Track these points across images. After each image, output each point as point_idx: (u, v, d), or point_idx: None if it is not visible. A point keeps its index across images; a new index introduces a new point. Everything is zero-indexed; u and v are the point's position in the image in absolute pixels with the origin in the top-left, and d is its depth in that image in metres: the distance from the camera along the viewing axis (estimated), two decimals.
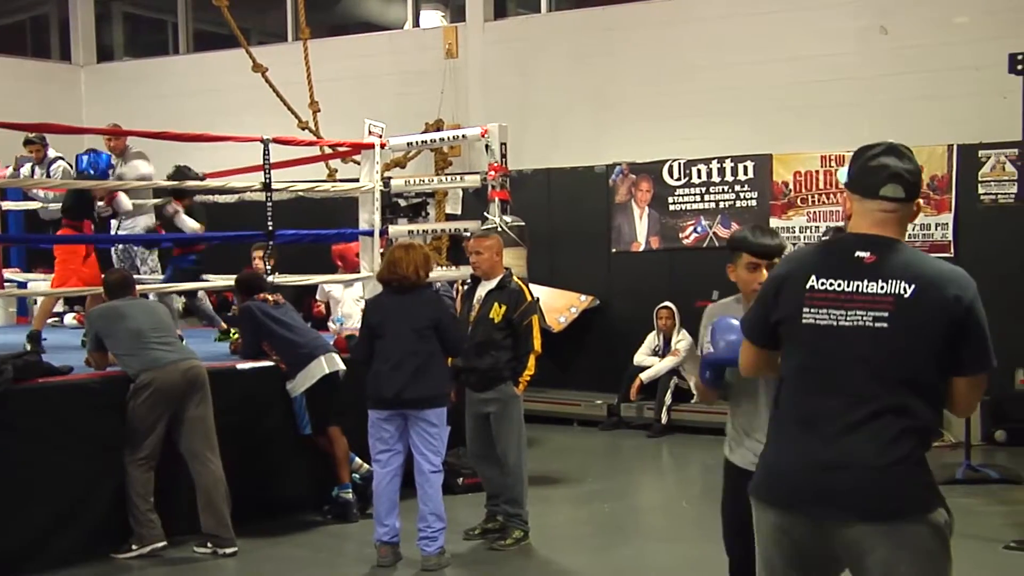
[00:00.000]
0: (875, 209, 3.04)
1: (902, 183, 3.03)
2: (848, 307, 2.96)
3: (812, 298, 3.00)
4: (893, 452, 2.91)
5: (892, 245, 3.00)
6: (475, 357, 6.59)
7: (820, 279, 3.00)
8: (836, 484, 2.92)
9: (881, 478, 2.91)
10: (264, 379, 7.24)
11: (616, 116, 11.62)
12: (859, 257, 2.99)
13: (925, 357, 2.92)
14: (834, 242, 3.11)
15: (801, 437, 3.00)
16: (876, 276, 2.95)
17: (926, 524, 2.93)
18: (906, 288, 2.92)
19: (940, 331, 2.91)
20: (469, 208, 11.69)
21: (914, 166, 3.07)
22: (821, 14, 10.71)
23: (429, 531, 6.17)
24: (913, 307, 2.91)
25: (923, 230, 10.22)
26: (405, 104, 12.22)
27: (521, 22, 12.79)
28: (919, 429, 2.95)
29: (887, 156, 3.06)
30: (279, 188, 8.67)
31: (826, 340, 2.98)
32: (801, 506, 2.98)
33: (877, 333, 2.92)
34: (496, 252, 6.75)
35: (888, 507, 2.90)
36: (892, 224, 3.04)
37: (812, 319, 2.99)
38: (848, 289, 2.97)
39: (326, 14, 14.44)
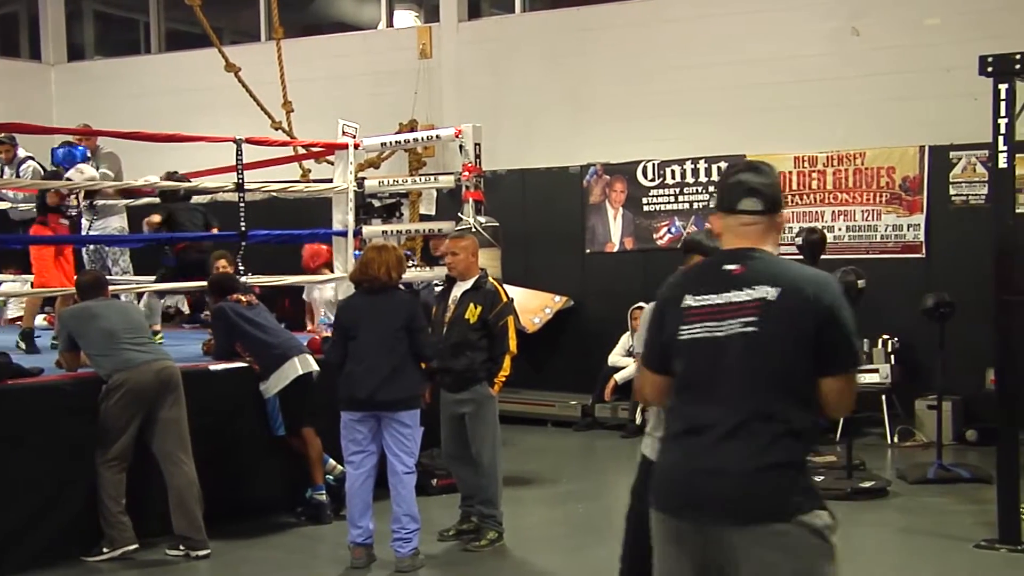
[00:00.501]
0: (736, 224, 3.18)
1: (759, 196, 3.16)
2: (721, 318, 3.06)
3: (688, 315, 3.11)
4: (767, 456, 2.98)
5: (758, 255, 3.12)
6: (450, 358, 6.58)
7: (694, 296, 3.12)
8: (714, 490, 3.00)
9: (755, 483, 2.97)
10: (237, 380, 7.21)
11: (590, 117, 11.63)
12: (727, 270, 3.11)
13: (794, 358, 3.01)
14: (707, 262, 3.23)
15: (686, 445, 3.10)
16: (743, 285, 3.06)
17: (802, 526, 2.97)
18: (770, 292, 3.02)
19: (805, 331, 3.00)
20: (443, 209, 11.68)
21: (771, 181, 3.22)
22: (794, 15, 10.77)
23: (403, 532, 6.15)
24: (778, 309, 3.01)
25: (895, 231, 10.30)
26: (379, 104, 12.20)
27: (495, 23, 12.79)
28: (794, 433, 3.01)
29: (744, 173, 3.22)
30: (252, 188, 8.63)
31: (704, 351, 3.08)
32: (686, 512, 3.07)
33: (748, 338, 3.02)
34: (472, 253, 6.74)
35: (761, 510, 2.97)
36: (755, 236, 3.16)
37: (690, 335, 3.10)
38: (719, 301, 3.08)
39: (299, 14, 14.39)
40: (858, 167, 10.47)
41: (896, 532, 7.10)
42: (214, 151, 9.33)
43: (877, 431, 9.88)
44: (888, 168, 10.34)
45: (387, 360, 6.11)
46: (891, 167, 10.33)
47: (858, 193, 10.48)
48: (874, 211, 10.39)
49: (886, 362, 9.86)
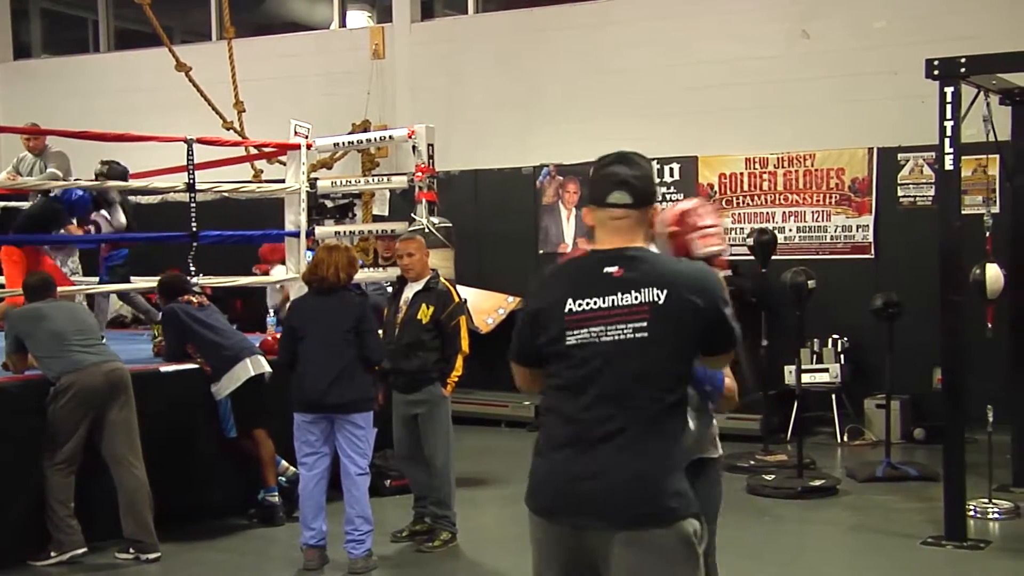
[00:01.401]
0: (606, 217, 3.11)
1: (628, 189, 3.07)
2: (608, 323, 3.00)
3: (571, 320, 3.04)
4: (647, 461, 2.96)
5: (635, 255, 3.06)
6: (403, 359, 6.56)
7: (576, 301, 3.05)
8: (590, 493, 2.99)
9: (634, 487, 2.95)
10: (188, 382, 7.15)
11: (543, 118, 11.66)
12: (607, 273, 3.04)
13: (680, 359, 3.01)
14: (581, 262, 3.16)
15: (567, 450, 3.06)
16: (628, 288, 3.00)
17: (675, 532, 2.97)
18: (658, 295, 2.98)
19: (693, 332, 2.99)
20: (396, 209, 11.64)
21: (642, 172, 3.12)
22: (744, 17, 10.86)
23: (356, 534, 6.13)
24: (667, 311, 2.97)
25: (845, 232, 10.41)
26: (332, 105, 12.14)
27: (448, 23, 12.78)
28: (674, 437, 3.02)
29: (615, 165, 3.12)
30: (203, 189, 8.57)
31: (589, 356, 3.02)
32: (561, 515, 3.06)
33: (639, 343, 2.97)
34: (425, 253, 6.76)
35: (636, 513, 2.95)
36: (627, 232, 3.09)
37: (575, 340, 3.04)
38: (605, 305, 3.01)
39: (251, 13, 14.30)
40: (808, 168, 10.57)
41: (845, 530, 7.18)
42: (165, 151, 9.25)
43: (827, 430, 9.99)
44: (838, 169, 10.46)
45: (336, 362, 6.09)
46: (840, 168, 10.45)
47: (808, 194, 10.58)
48: (824, 212, 10.51)
49: (836, 362, 9.97)
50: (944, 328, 6.71)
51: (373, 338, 6.31)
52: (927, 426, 9.57)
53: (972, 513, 6.97)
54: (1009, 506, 7.22)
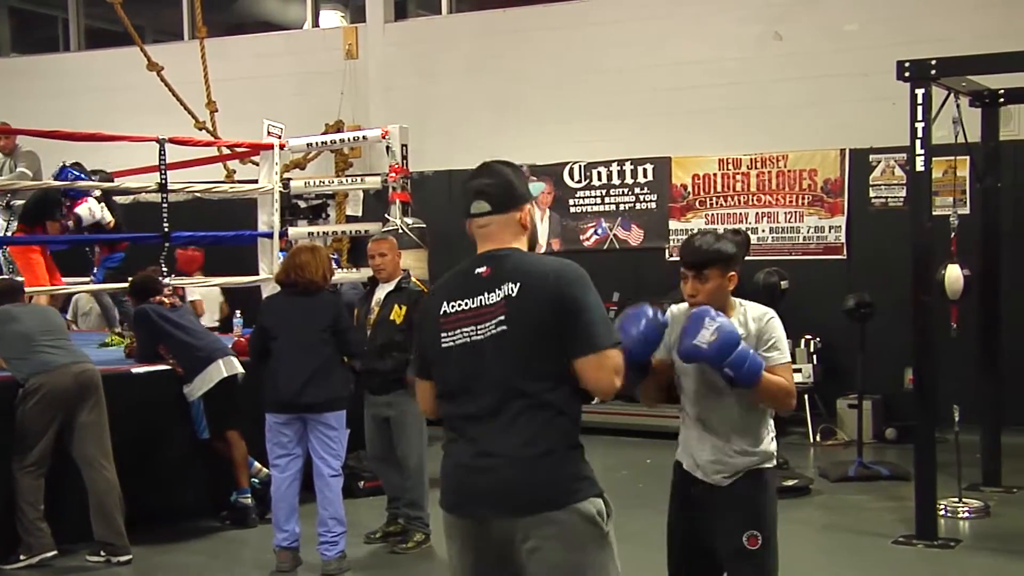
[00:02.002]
0: (475, 227, 3.22)
1: (485, 198, 3.18)
2: (476, 322, 3.09)
3: (445, 322, 3.14)
4: (533, 447, 3.03)
5: (505, 255, 3.15)
6: (376, 359, 6.55)
7: (450, 303, 3.15)
8: (484, 483, 3.07)
9: (523, 473, 3.03)
10: (160, 383, 7.11)
11: (517, 118, 11.66)
12: (478, 274, 3.13)
13: (542, 348, 3.03)
14: (460, 267, 3.24)
15: (458, 446, 3.17)
16: (491, 286, 3.09)
17: (575, 513, 3.02)
18: (513, 288, 3.06)
19: (545, 318, 3.02)
20: (370, 210, 11.62)
21: (499, 179, 3.22)
22: (718, 19, 10.90)
23: (329, 536, 6.11)
24: (520, 302, 3.04)
25: (817, 233, 10.46)
26: (305, 105, 12.11)
27: (421, 24, 12.77)
28: (557, 421, 3.06)
29: (474, 178, 3.24)
30: (175, 189, 8.53)
31: (464, 357, 3.10)
32: (463, 508, 3.15)
33: (500, 337, 3.05)
34: (396, 253, 6.75)
35: (533, 499, 3.02)
36: (495, 236, 3.19)
37: (450, 341, 3.13)
38: (473, 305, 3.11)
39: (223, 13, 14.24)
40: (781, 169, 10.62)
41: (818, 529, 7.21)
42: (136, 151, 9.19)
43: (800, 430, 10.03)
44: (810, 171, 10.52)
45: (311, 361, 6.07)
46: (813, 170, 10.50)
47: (781, 195, 10.63)
48: (796, 213, 10.56)
49: (808, 362, 10.01)
50: (915, 328, 6.75)
51: (352, 334, 6.31)
52: (898, 426, 9.63)
53: (943, 512, 7.01)
54: (979, 505, 7.27)
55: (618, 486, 8.67)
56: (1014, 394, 8.53)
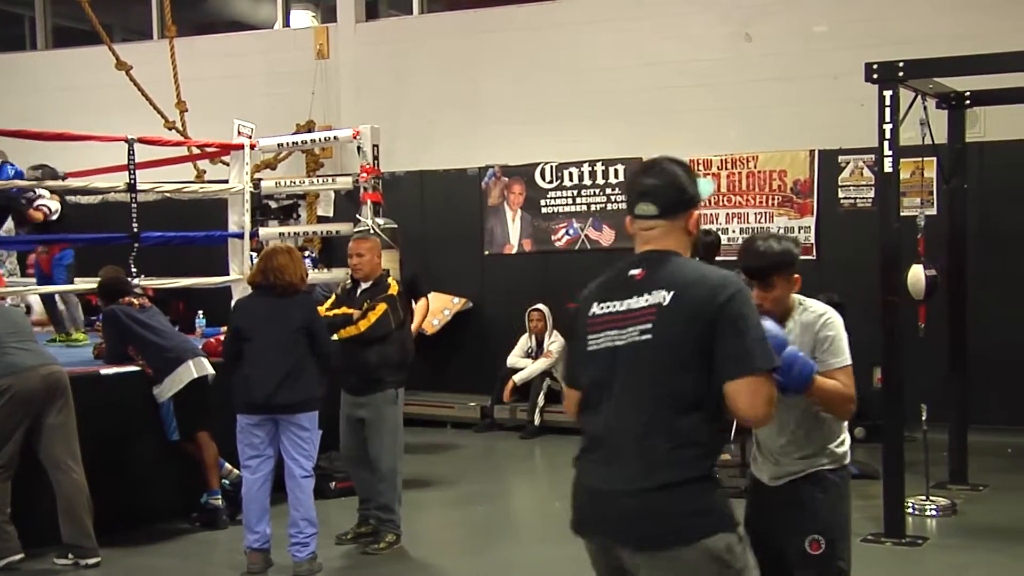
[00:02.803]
0: (637, 228, 3.07)
1: (652, 200, 3.02)
2: (622, 326, 2.93)
3: (593, 324, 3.00)
4: (664, 474, 2.84)
5: (662, 258, 2.99)
6: (354, 356, 6.55)
7: (600, 304, 3.01)
8: (610, 510, 2.92)
9: (649, 503, 2.84)
10: (129, 384, 7.06)
11: (488, 119, 11.66)
12: (631, 276, 2.99)
13: (690, 365, 2.85)
14: (615, 267, 3.09)
15: (590, 464, 3.01)
16: (642, 291, 2.93)
17: (700, 551, 2.83)
18: (665, 296, 2.88)
19: (699, 335, 2.84)
20: (341, 210, 11.59)
21: (665, 180, 3.04)
22: (689, 20, 10.94)
23: (301, 537, 6.09)
24: (671, 313, 2.86)
25: (787, 233, 10.51)
26: (275, 105, 12.06)
27: (393, 24, 12.74)
28: (693, 446, 2.87)
29: (642, 175, 3.09)
30: (144, 189, 8.47)
31: (606, 363, 2.95)
32: (589, 532, 3.02)
33: (643, 347, 2.88)
34: (376, 254, 6.75)
35: (654, 533, 2.85)
36: (658, 240, 3.03)
37: (596, 345, 2.98)
38: (621, 309, 2.95)
39: (193, 12, 14.15)
40: (751, 170, 10.68)
41: None
42: (105, 151, 9.13)
43: None
44: (780, 171, 10.57)
45: (284, 362, 6.05)
46: (783, 170, 10.56)
47: (751, 196, 10.68)
48: (767, 213, 10.61)
49: None
50: (883, 328, 6.80)
51: (325, 334, 6.30)
52: (867, 424, 9.68)
53: (910, 510, 7.08)
54: (946, 503, 7.34)
55: None
56: (981, 393, 8.62)
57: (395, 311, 6.60)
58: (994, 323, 9.14)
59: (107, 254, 9.20)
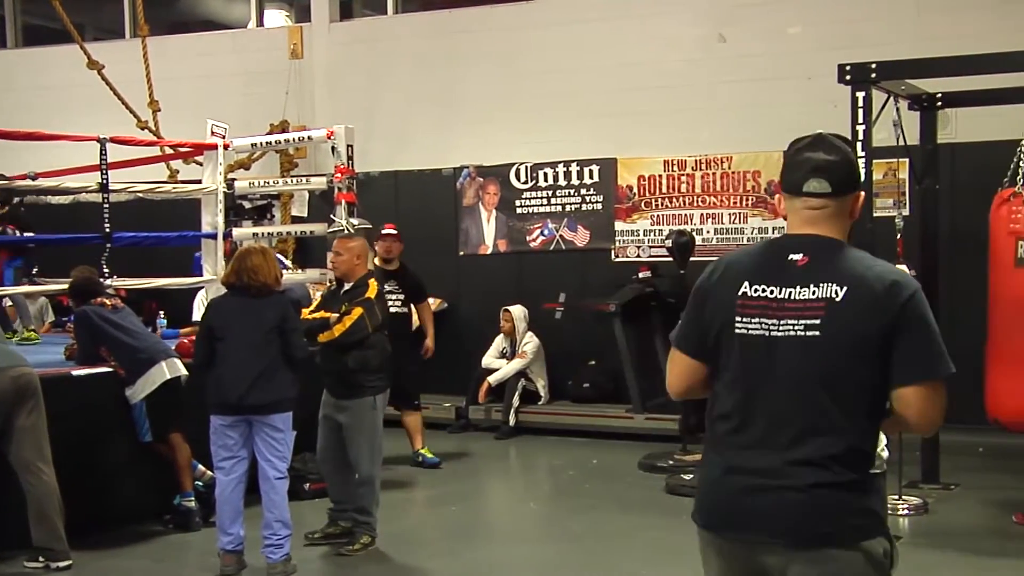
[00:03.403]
0: (801, 207, 2.86)
1: (826, 176, 2.83)
2: (780, 316, 2.76)
3: (744, 306, 2.80)
4: (821, 474, 2.72)
5: (828, 245, 2.81)
6: (336, 358, 6.53)
7: (753, 285, 2.81)
8: (762, 506, 2.76)
9: (808, 501, 2.72)
10: (101, 385, 7.00)
11: (463, 119, 11.65)
12: (792, 260, 2.80)
13: (859, 366, 2.72)
14: (770, 244, 2.92)
15: (731, 456, 2.84)
16: (808, 281, 2.75)
17: (859, 552, 2.72)
18: (837, 291, 2.72)
19: (873, 336, 2.70)
20: (315, 210, 11.55)
21: (841, 157, 2.86)
22: (663, 21, 10.96)
23: (275, 538, 6.06)
24: (845, 311, 2.70)
25: (761, 234, 10.56)
26: (249, 104, 12.01)
27: (367, 24, 12.71)
28: (856, 449, 2.75)
29: (811, 149, 2.88)
30: (117, 189, 8.41)
31: (758, 352, 2.78)
32: (730, 529, 2.83)
33: (808, 343, 2.72)
34: (357, 255, 6.70)
35: (813, 532, 2.72)
36: (824, 222, 2.84)
37: (744, 329, 2.79)
38: (780, 296, 2.77)
39: (166, 11, 14.08)
40: (725, 171, 10.71)
41: None
42: (77, 150, 9.06)
43: None
44: (754, 172, 10.62)
45: (257, 362, 6.03)
46: (756, 171, 10.61)
47: (725, 196, 10.72)
48: (741, 214, 10.65)
49: None
50: None
51: (297, 336, 6.25)
52: None
53: None
54: (918, 502, 7.39)
55: (565, 487, 8.70)
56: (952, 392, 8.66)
57: (372, 315, 6.55)
58: (965, 323, 9.18)
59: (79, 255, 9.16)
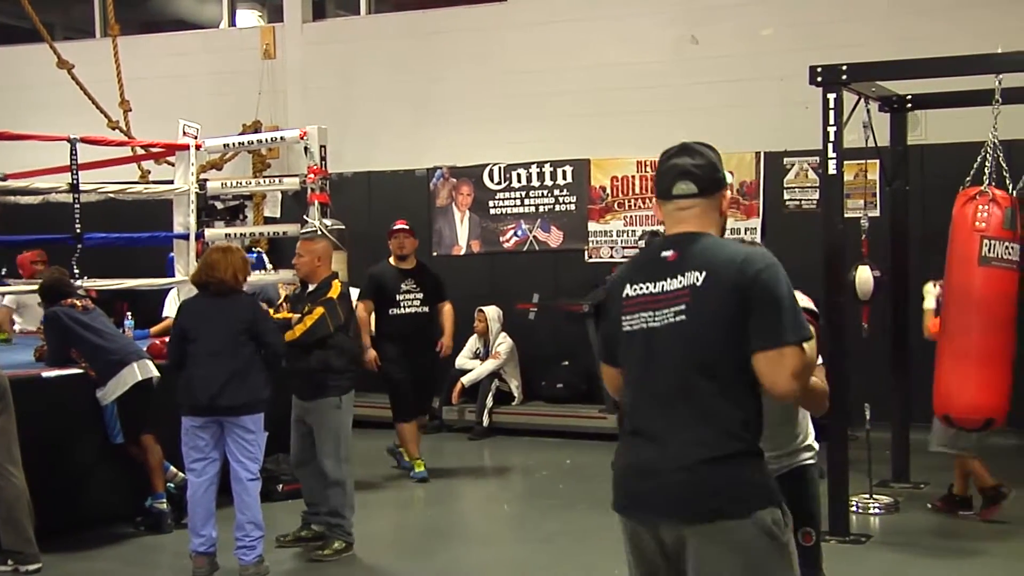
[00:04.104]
0: (673, 209, 3.10)
1: (692, 178, 3.07)
2: (656, 308, 2.99)
3: (627, 306, 3.05)
4: (704, 451, 2.90)
5: (694, 239, 3.03)
6: (301, 358, 6.51)
7: (633, 285, 3.06)
8: (656, 487, 2.95)
9: (697, 479, 2.90)
10: (72, 387, 6.95)
11: (437, 120, 11.64)
12: (664, 257, 3.03)
13: (723, 343, 2.91)
14: (648, 248, 3.18)
15: (633, 442, 3.06)
16: (676, 272, 2.98)
17: (751, 522, 2.89)
18: (699, 277, 2.94)
19: (731, 311, 2.90)
20: (288, 211, 11.52)
21: (706, 160, 3.10)
22: (636, 22, 10.99)
23: (247, 540, 6.04)
24: (705, 294, 2.92)
25: (733, 234, 10.56)
26: (221, 105, 11.96)
27: (340, 24, 12.69)
28: (732, 424, 2.93)
29: (678, 156, 3.12)
30: (87, 190, 8.35)
31: (642, 344, 3.01)
32: (634, 510, 3.03)
33: (679, 327, 2.94)
34: (319, 257, 6.69)
35: (706, 507, 2.89)
36: (694, 220, 3.07)
37: (630, 326, 3.04)
38: (655, 291, 3.01)
39: (137, 10, 14.00)
40: None
41: None
42: (47, 151, 8.99)
43: None
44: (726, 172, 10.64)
45: (228, 364, 6.00)
46: (729, 172, 10.63)
47: None
48: None
49: None
50: (828, 328, 6.86)
51: (271, 336, 6.21)
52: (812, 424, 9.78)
53: (854, 509, 7.17)
54: (888, 501, 7.45)
55: (538, 487, 8.71)
56: (923, 392, 8.72)
57: (334, 315, 6.52)
58: None
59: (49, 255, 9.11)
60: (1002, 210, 6.36)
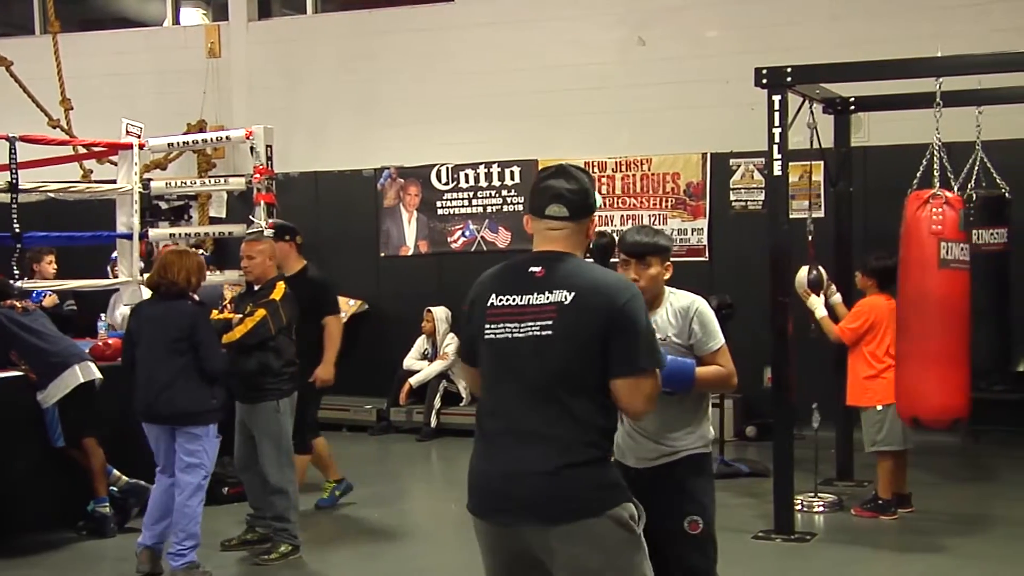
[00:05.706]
0: (544, 228, 3.27)
1: (564, 202, 3.23)
2: (521, 320, 3.15)
3: (492, 315, 3.20)
4: (563, 457, 3.07)
5: (561, 258, 3.21)
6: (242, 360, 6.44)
7: (499, 296, 3.21)
8: (515, 491, 3.12)
9: (554, 482, 3.07)
10: (11, 389, 6.84)
11: (384, 120, 11.60)
12: (531, 272, 3.20)
13: (585, 360, 3.10)
14: (514, 262, 3.32)
15: (489, 447, 3.22)
16: (543, 288, 3.15)
17: (608, 519, 3.09)
18: (567, 296, 3.11)
19: (594, 333, 3.09)
20: (234, 211, 11.42)
21: (579, 186, 3.26)
22: (582, 24, 11.03)
23: (177, 547, 5.95)
24: (571, 312, 3.10)
25: (680, 235, 10.66)
26: (165, 104, 11.84)
27: (286, 23, 12.60)
28: (589, 432, 3.11)
29: (554, 178, 3.28)
30: (27, 189, 8.21)
31: (504, 353, 3.18)
32: (492, 515, 3.19)
33: (543, 340, 3.11)
34: (268, 256, 6.65)
35: (565, 508, 3.07)
36: (562, 240, 3.25)
37: (492, 334, 3.19)
38: (520, 303, 3.16)
39: (78, 7, 13.79)
40: (645, 173, 10.80)
41: None
42: None
43: None
44: (673, 174, 10.72)
45: (164, 371, 5.93)
46: (676, 173, 10.71)
47: (645, 198, 10.81)
48: (660, 216, 10.74)
49: None
50: (774, 328, 6.93)
51: (208, 349, 6.05)
52: (758, 423, 9.87)
53: (799, 507, 7.23)
54: (833, 499, 7.52)
55: None
56: None
57: (276, 316, 6.41)
58: None
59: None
60: (956, 212, 6.41)
